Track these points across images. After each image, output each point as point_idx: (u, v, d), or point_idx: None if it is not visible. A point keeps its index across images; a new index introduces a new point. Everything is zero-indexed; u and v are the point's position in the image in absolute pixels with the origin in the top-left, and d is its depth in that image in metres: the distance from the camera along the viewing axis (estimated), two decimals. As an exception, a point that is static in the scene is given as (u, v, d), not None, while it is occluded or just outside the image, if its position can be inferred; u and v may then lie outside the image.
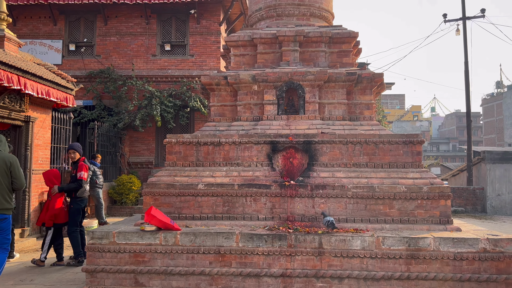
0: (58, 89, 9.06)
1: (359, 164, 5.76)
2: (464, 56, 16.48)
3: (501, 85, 57.79)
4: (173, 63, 15.38)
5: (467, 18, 16.68)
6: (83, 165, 6.73)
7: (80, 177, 6.65)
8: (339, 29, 7.01)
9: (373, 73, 6.50)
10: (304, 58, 6.90)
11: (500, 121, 50.01)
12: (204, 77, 6.80)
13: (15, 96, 8.18)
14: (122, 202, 13.07)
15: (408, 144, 5.73)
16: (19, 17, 15.63)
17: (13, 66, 7.53)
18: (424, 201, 5.35)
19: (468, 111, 16.68)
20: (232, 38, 7.07)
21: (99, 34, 15.58)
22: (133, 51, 15.47)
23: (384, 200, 5.38)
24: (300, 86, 6.42)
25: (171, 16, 15.51)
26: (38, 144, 9.10)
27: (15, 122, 8.36)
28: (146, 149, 15.25)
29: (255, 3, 7.52)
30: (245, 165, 5.88)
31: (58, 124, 10.17)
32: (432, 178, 5.54)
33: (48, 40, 15.47)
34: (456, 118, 69.52)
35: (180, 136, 6.04)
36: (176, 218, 5.49)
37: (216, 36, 15.37)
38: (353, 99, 6.60)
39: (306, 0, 7.20)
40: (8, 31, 8.64)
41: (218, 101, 6.82)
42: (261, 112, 6.55)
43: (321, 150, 5.81)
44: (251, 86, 6.57)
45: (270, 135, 5.91)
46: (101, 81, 14.99)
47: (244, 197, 5.52)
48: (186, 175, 5.78)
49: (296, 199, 5.49)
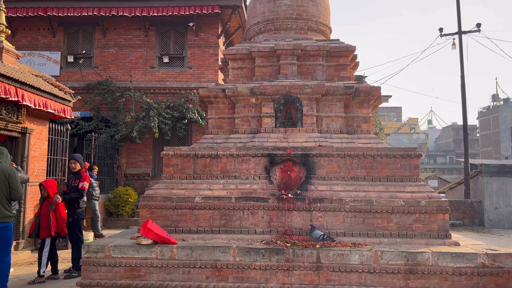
0: (55, 101, 9.05)
1: (357, 178, 5.75)
2: (460, 69, 16.62)
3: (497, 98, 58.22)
4: (171, 75, 15.42)
5: (463, 33, 16.87)
6: (87, 176, 6.75)
7: (82, 187, 6.63)
8: (337, 43, 7.06)
9: (371, 86, 6.53)
10: (301, 71, 6.93)
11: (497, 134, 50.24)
12: (202, 89, 6.81)
13: (12, 107, 8.16)
14: (119, 214, 12.97)
15: (405, 158, 5.73)
16: (18, 28, 15.69)
17: (11, 77, 7.53)
18: (422, 215, 5.33)
19: (465, 124, 16.75)
20: (230, 52, 7.11)
21: (98, 46, 15.64)
22: (131, 63, 15.52)
23: (382, 214, 5.36)
24: (298, 99, 6.43)
25: (170, 28, 15.61)
26: (35, 156, 9.05)
27: (11, 133, 8.32)
28: (143, 161, 15.20)
29: (253, 17, 7.58)
30: (242, 178, 5.86)
31: (55, 135, 10.14)
32: (430, 192, 5.53)
33: (47, 52, 15.52)
34: (453, 130, 69.82)
35: (177, 149, 6.02)
36: (172, 232, 5.45)
37: (214, 49, 15.46)
38: (350, 112, 6.61)
39: (303, 14, 7.26)
40: (6, 42, 8.66)
41: (216, 114, 6.83)
42: (259, 125, 6.55)
43: (319, 163, 5.80)
44: (249, 99, 6.58)
45: (268, 148, 5.90)
46: (99, 93, 15.00)
47: (241, 210, 5.48)
48: (183, 187, 5.75)
49: (293, 212, 5.45)
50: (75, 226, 6.73)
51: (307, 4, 7.21)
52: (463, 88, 16.64)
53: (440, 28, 17.56)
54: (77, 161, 6.83)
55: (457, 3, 16.75)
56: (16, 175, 4.97)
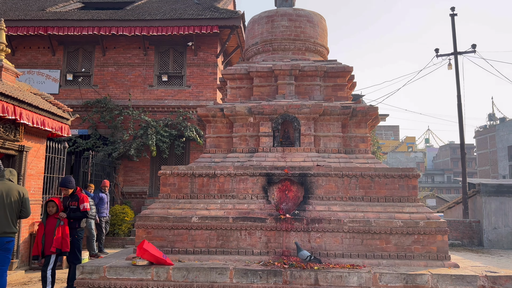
0: (53, 119, 9.05)
1: (355, 198, 5.73)
2: (456, 89, 16.77)
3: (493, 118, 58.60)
4: (170, 93, 15.50)
5: (459, 53, 17.09)
6: (84, 196, 6.63)
7: (84, 209, 6.53)
8: (334, 63, 7.13)
9: (368, 106, 6.57)
10: (299, 91, 6.98)
11: (494, 153, 50.40)
12: (200, 109, 6.84)
13: (10, 125, 8.15)
14: (115, 233, 12.83)
15: (403, 178, 5.73)
16: (18, 47, 15.82)
17: (9, 96, 7.54)
18: (421, 236, 5.29)
19: (462, 144, 16.81)
20: (228, 71, 7.16)
21: (97, 64, 15.75)
22: (130, 81, 15.61)
23: (380, 235, 5.32)
24: (296, 119, 6.46)
25: (169, 48, 15.76)
26: (31, 174, 9.00)
27: (8, 151, 8.29)
28: (140, 179, 15.13)
29: (252, 37, 7.67)
30: (240, 198, 5.82)
31: (52, 153, 10.10)
32: (428, 212, 5.50)
33: (46, 70, 15.61)
34: (450, 149, 70.04)
35: (174, 168, 6.00)
36: (169, 252, 5.38)
37: (213, 68, 15.58)
38: (348, 132, 6.63)
39: (301, 35, 7.36)
40: (6, 61, 8.71)
41: (214, 133, 6.83)
42: (257, 144, 6.56)
43: (317, 183, 5.78)
44: (247, 118, 6.60)
45: (266, 167, 5.89)
46: (97, 111, 15.03)
47: (238, 230, 5.43)
48: (180, 207, 5.71)
49: (291, 233, 5.41)
50: (75, 246, 6.60)
51: (305, 26, 7.32)
52: (459, 107, 16.76)
53: (436, 48, 17.80)
54: (67, 187, 6.70)
55: (452, 25, 17.04)
56: (28, 196, 5.51)
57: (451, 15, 17.07)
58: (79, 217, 6.55)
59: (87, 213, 6.64)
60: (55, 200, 6.41)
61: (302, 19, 7.31)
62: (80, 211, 6.50)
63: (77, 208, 6.51)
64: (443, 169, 69.31)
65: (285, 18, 7.27)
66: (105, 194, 11.03)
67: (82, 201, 6.55)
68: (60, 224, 6.30)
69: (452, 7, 17.14)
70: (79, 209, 6.48)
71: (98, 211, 10.56)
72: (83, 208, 6.51)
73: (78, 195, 6.61)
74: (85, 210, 6.53)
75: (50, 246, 6.17)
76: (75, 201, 6.57)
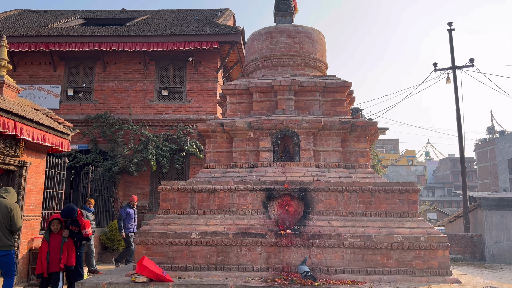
0: (54, 134, 9.06)
1: (355, 213, 5.71)
2: (455, 103, 16.85)
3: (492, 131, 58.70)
4: (170, 108, 15.56)
5: (457, 68, 17.21)
6: (87, 222, 6.51)
7: (87, 235, 6.46)
8: (333, 79, 7.19)
9: (367, 121, 6.60)
10: (299, 106, 7.02)
11: (494, 166, 50.36)
12: (200, 124, 6.87)
13: (10, 141, 8.17)
14: (114, 249, 12.73)
15: (404, 193, 5.72)
16: (20, 63, 15.94)
17: (10, 111, 7.57)
18: (422, 251, 5.27)
19: (462, 158, 16.81)
20: (228, 87, 7.22)
21: (98, 80, 15.85)
22: (130, 96, 15.68)
23: (381, 250, 5.29)
24: (295, 134, 6.48)
25: (169, 63, 15.89)
26: (31, 189, 8.97)
27: (9, 167, 8.28)
28: (140, 194, 15.08)
29: (251, 53, 7.75)
30: (240, 213, 5.81)
31: (52, 168, 10.09)
32: (429, 227, 5.48)
33: (47, 85, 15.70)
34: (451, 162, 69.96)
35: (174, 183, 6.00)
36: (168, 269, 5.34)
37: (213, 83, 15.68)
38: (347, 146, 6.65)
39: (300, 51, 7.44)
40: (8, 77, 8.77)
41: (214, 148, 6.85)
42: (257, 159, 6.57)
43: (317, 197, 5.77)
44: (247, 133, 6.63)
45: (266, 182, 5.89)
46: (98, 126, 15.07)
47: (238, 246, 5.41)
48: (179, 223, 5.69)
49: (292, 248, 5.38)
50: (77, 262, 6.54)
51: (304, 42, 7.40)
52: (458, 121, 16.81)
53: (435, 63, 17.94)
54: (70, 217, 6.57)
55: (450, 40, 17.21)
56: (17, 210, 5.70)
57: (449, 30, 17.26)
58: (81, 240, 6.52)
59: (90, 238, 6.61)
60: (60, 218, 6.35)
61: (301, 35, 7.39)
62: (82, 236, 6.45)
63: (78, 232, 6.43)
64: (443, 182, 69.16)
65: (284, 35, 7.36)
66: (133, 209, 11.01)
67: (83, 227, 6.41)
68: (65, 241, 6.25)
69: (449, 22, 17.34)
70: (81, 233, 6.42)
71: (125, 226, 10.65)
72: (85, 234, 6.43)
73: (79, 220, 6.46)
74: (87, 236, 6.45)
75: (57, 263, 6.10)
76: (77, 226, 6.45)
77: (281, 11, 7.98)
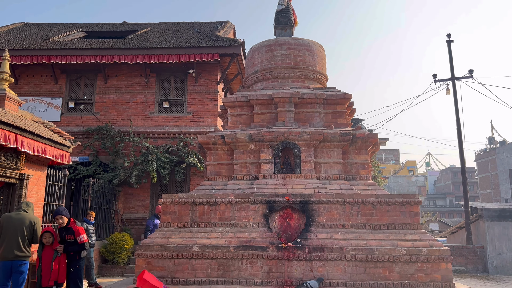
0: (54, 147, 9.07)
1: (357, 225, 5.69)
2: (455, 114, 16.88)
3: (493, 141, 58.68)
4: (170, 119, 15.60)
5: (456, 78, 17.28)
6: (80, 228, 6.51)
7: (82, 241, 6.42)
8: (333, 91, 7.22)
9: (367, 133, 6.61)
10: (299, 118, 7.03)
11: (495, 176, 50.25)
12: (201, 136, 6.88)
13: (11, 154, 8.17)
14: (114, 261, 12.64)
15: (405, 205, 5.70)
16: (21, 75, 16.03)
17: (12, 124, 7.59)
18: (425, 264, 5.23)
19: (463, 169, 16.78)
20: (229, 99, 7.24)
21: (99, 92, 15.92)
22: (131, 108, 15.73)
23: (383, 263, 5.25)
24: (296, 146, 6.48)
25: (170, 75, 15.97)
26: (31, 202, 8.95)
27: (9, 180, 8.27)
28: (141, 206, 15.02)
29: (252, 66, 7.80)
30: (241, 226, 5.78)
31: (52, 181, 10.08)
32: (431, 240, 5.45)
33: (48, 98, 15.76)
34: (451, 173, 69.82)
35: (175, 196, 5.99)
36: (169, 283, 5.30)
37: (213, 94, 15.74)
38: (348, 158, 6.65)
39: (300, 64, 7.48)
40: (9, 90, 8.81)
41: (214, 160, 6.85)
42: (258, 171, 6.56)
43: (318, 210, 5.75)
44: (248, 145, 6.63)
45: (267, 195, 5.87)
46: (99, 138, 15.08)
47: (240, 260, 5.37)
48: (180, 236, 5.66)
49: (293, 262, 5.34)
50: (77, 276, 6.46)
51: (304, 54, 7.45)
52: (459, 132, 16.83)
53: (434, 74, 18.02)
54: (63, 215, 6.60)
55: (449, 51, 17.31)
56: (39, 223, 6.25)
57: (448, 42, 17.37)
58: (78, 251, 6.45)
59: (85, 245, 6.51)
60: (51, 231, 6.31)
61: (301, 48, 7.45)
62: (77, 245, 6.39)
63: (74, 241, 6.38)
64: (444, 193, 68.95)
65: (284, 47, 7.41)
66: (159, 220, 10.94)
67: (78, 233, 6.40)
68: (58, 255, 6.19)
69: (448, 33, 17.46)
70: (76, 242, 6.37)
71: None
72: (81, 240, 6.38)
73: (72, 228, 6.45)
74: (83, 243, 6.41)
75: (48, 279, 6.05)
76: (71, 234, 6.43)
77: (281, 24, 8.05)
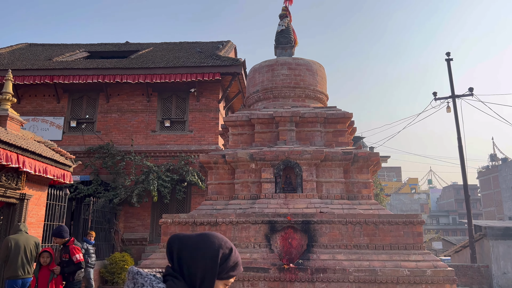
0: (56, 166, 9.07)
1: (359, 246, 5.62)
2: (456, 131, 16.88)
3: (495, 158, 58.52)
4: (172, 138, 15.62)
5: (457, 96, 17.35)
6: (75, 248, 6.45)
7: (78, 261, 6.36)
8: (334, 110, 7.24)
9: (369, 152, 6.60)
10: (300, 137, 7.03)
11: (498, 193, 49.91)
12: (202, 155, 6.88)
13: (12, 174, 8.16)
14: (114, 282, 12.47)
15: (408, 225, 5.64)
16: (24, 95, 16.15)
17: (13, 144, 7.61)
18: (429, 285, 5.14)
19: (465, 186, 16.69)
20: (230, 119, 7.27)
21: (101, 111, 15.99)
22: (133, 127, 15.78)
23: (387, 284, 5.17)
24: (297, 165, 6.46)
25: (172, 94, 16.07)
26: (31, 222, 8.89)
27: (10, 200, 8.24)
28: (141, 225, 14.91)
29: (253, 85, 7.85)
30: (242, 246, 5.72)
31: (53, 200, 10.04)
32: (435, 260, 5.37)
33: (50, 117, 15.83)
34: (454, 190, 69.36)
35: (176, 216, 5.94)
36: (169, 305, 5.21)
37: (215, 113, 15.80)
38: (350, 177, 6.62)
39: (301, 83, 7.53)
40: (12, 110, 8.86)
41: (215, 179, 6.83)
42: (259, 190, 6.52)
43: (321, 230, 5.69)
44: (249, 164, 6.62)
45: (268, 214, 5.82)
46: (100, 157, 15.07)
47: (241, 281, 5.29)
48: (181, 257, 5.59)
49: (295, 283, 5.26)
50: None
51: (304, 74, 7.50)
52: (460, 149, 16.80)
53: (434, 92, 18.10)
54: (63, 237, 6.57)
55: (449, 69, 17.44)
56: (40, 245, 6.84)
57: (447, 60, 17.51)
58: (74, 271, 6.38)
59: (81, 264, 6.44)
60: (49, 251, 6.28)
61: (302, 67, 7.51)
62: (73, 264, 6.33)
63: (69, 261, 6.33)
64: (447, 211, 68.38)
65: (285, 67, 7.47)
66: None
67: (73, 253, 6.36)
68: (54, 277, 6.16)
69: (447, 52, 17.62)
70: (72, 262, 6.31)
71: None
72: (76, 260, 6.33)
73: (69, 247, 6.42)
74: (79, 262, 6.35)
75: None
76: (67, 253, 6.39)
77: (282, 44, 8.13)
